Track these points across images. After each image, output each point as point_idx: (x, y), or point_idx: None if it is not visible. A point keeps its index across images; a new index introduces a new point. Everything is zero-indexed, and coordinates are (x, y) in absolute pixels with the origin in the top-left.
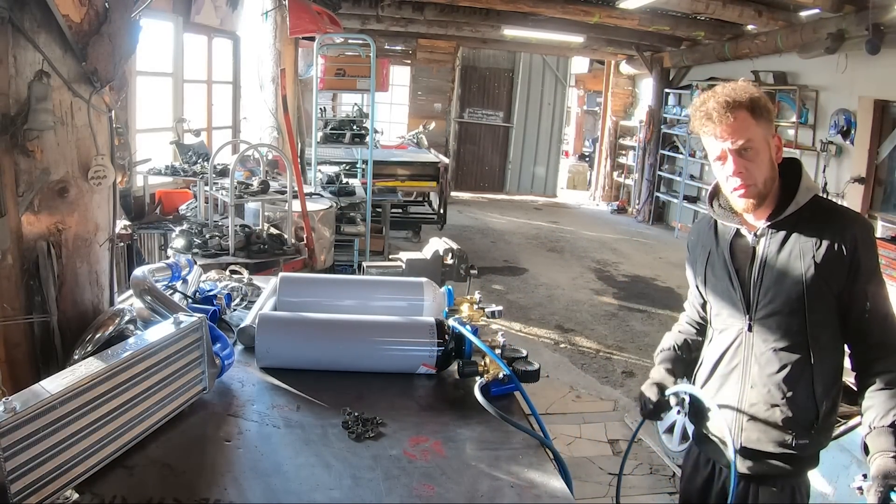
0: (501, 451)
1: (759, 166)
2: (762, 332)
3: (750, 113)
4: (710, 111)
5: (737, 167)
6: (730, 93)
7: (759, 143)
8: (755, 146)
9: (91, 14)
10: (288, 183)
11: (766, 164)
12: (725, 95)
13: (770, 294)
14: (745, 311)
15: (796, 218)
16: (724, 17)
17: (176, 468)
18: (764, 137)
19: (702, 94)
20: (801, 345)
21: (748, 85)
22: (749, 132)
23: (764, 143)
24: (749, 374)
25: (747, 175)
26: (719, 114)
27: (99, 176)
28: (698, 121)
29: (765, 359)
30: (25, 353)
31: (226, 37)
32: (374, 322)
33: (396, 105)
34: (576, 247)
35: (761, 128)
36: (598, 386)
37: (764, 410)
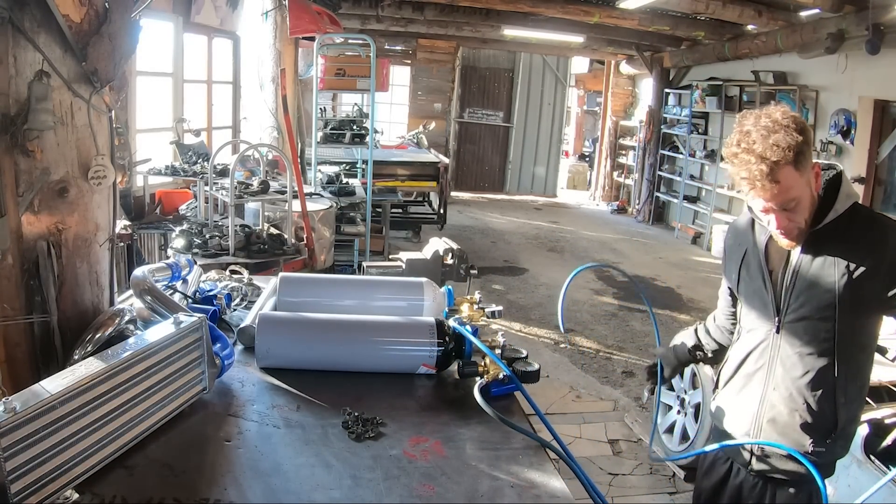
0: (501, 451)
1: (802, 212)
2: (790, 336)
3: (794, 167)
4: (754, 177)
5: (780, 223)
6: (771, 148)
7: (802, 191)
8: (799, 197)
9: (91, 14)
10: (288, 183)
11: (808, 206)
12: (769, 155)
13: (801, 299)
14: (775, 314)
15: (834, 225)
16: (724, 17)
17: (176, 468)
18: (806, 184)
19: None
20: (827, 352)
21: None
22: (794, 190)
23: (805, 189)
24: (773, 375)
25: (791, 225)
26: (763, 183)
27: (99, 176)
28: (737, 178)
29: (790, 362)
30: (25, 353)
31: (226, 37)
32: (374, 322)
33: (396, 105)
34: (576, 247)
35: (804, 176)
36: (598, 386)
37: (785, 413)
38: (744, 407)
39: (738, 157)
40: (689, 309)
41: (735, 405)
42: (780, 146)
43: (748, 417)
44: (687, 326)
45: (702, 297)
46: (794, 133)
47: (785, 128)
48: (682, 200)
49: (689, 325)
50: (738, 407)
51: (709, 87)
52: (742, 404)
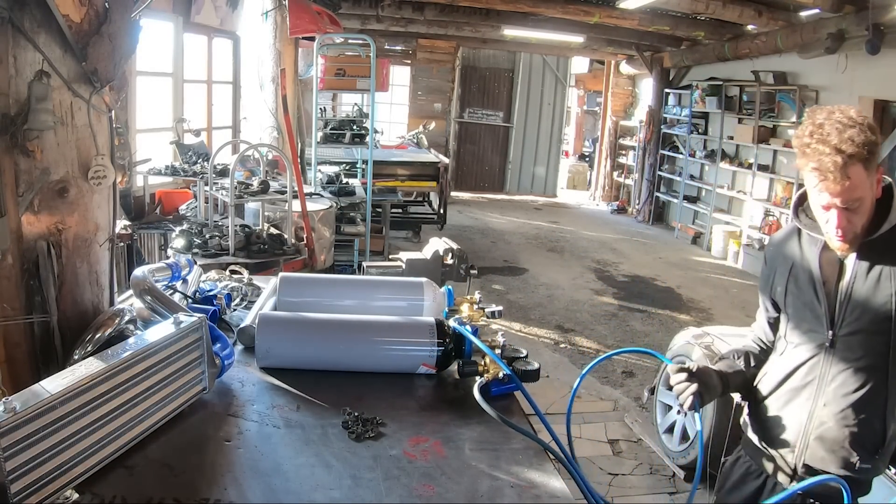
0: (501, 451)
1: (862, 215)
2: (844, 350)
3: (864, 165)
4: (826, 168)
5: (840, 222)
6: (846, 141)
7: (866, 192)
8: (863, 198)
9: (91, 14)
10: (288, 183)
11: (868, 209)
12: (844, 147)
13: (857, 311)
14: (829, 327)
15: (889, 235)
16: (724, 17)
17: (176, 468)
18: (871, 185)
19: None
20: (881, 367)
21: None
22: (860, 190)
23: (870, 190)
24: (823, 391)
25: (849, 227)
26: (835, 175)
27: (99, 176)
28: (807, 168)
29: (843, 377)
30: (25, 353)
31: (226, 37)
32: (374, 322)
33: (396, 105)
34: (576, 247)
35: (871, 177)
36: (598, 386)
37: (834, 429)
38: (789, 422)
39: (811, 148)
40: (688, 309)
41: (777, 422)
42: (854, 141)
43: (794, 433)
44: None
45: (702, 297)
46: (868, 132)
47: (860, 125)
48: (682, 200)
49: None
50: (781, 424)
51: (709, 87)
52: (787, 420)
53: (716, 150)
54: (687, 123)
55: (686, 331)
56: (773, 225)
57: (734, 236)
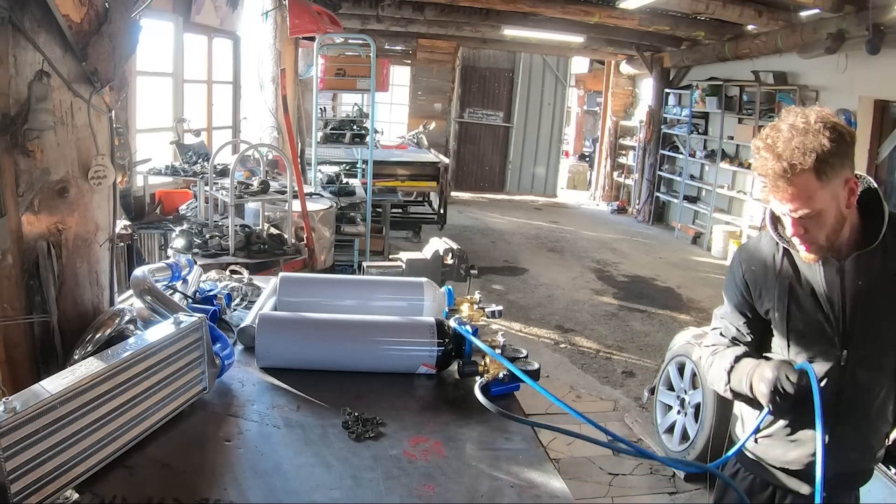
0: (501, 451)
1: (821, 226)
2: (857, 365)
3: (815, 175)
4: (767, 174)
5: (795, 230)
6: (794, 152)
7: (824, 204)
8: (818, 210)
9: (91, 14)
10: (288, 183)
11: (830, 222)
12: (789, 157)
13: (867, 324)
14: (842, 347)
15: (883, 243)
16: (724, 17)
17: (176, 468)
18: (831, 197)
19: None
20: (891, 373)
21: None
22: (812, 202)
23: (830, 201)
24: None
25: (807, 236)
26: (774, 183)
27: (99, 176)
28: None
29: (856, 394)
30: (25, 353)
31: (226, 37)
32: (374, 322)
33: (396, 105)
34: (576, 247)
35: (829, 187)
36: (598, 386)
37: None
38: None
39: (760, 153)
40: (688, 309)
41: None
42: (800, 149)
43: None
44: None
45: (701, 297)
46: (823, 139)
47: (815, 132)
48: (682, 200)
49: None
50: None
51: (709, 87)
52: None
53: (716, 150)
54: (687, 123)
55: (686, 331)
56: None
57: (734, 236)
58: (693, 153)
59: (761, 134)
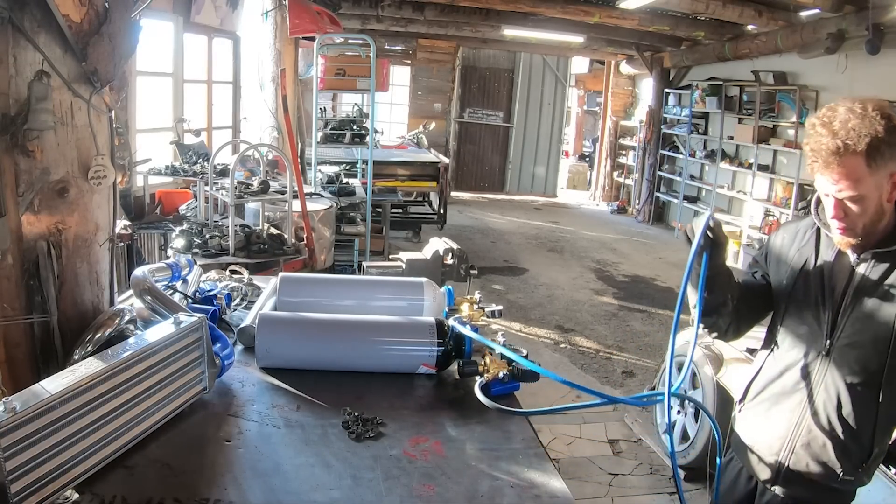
0: (501, 451)
1: (861, 214)
2: (839, 361)
3: (865, 159)
4: (819, 150)
5: (836, 213)
6: (850, 132)
7: (869, 191)
8: (862, 195)
9: (91, 14)
10: (288, 183)
11: (870, 210)
12: (844, 136)
13: (858, 324)
14: (828, 335)
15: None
16: (724, 17)
17: (176, 468)
18: (876, 185)
19: (823, 113)
20: (875, 383)
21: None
22: (858, 185)
23: (874, 191)
24: (814, 400)
25: (846, 219)
26: (826, 160)
27: (99, 176)
28: (808, 149)
29: (834, 389)
30: (25, 353)
31: (226, 37)
32: (374, 322)
33: (396, 105)
34: (576, 247)
35: (877, 174)
36: (599, 386)
37: (820, 439)
38: (775, 426)
39: (815, 129)
40: (688, 309)
41: (764, 423)
42: (856, 130)
43: (779, 438)
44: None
45: None
46: (878, 126)
47: (871, 117)
48: (682, 200)
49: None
50: (768, 425)
51: (709, 87)
52: (773, 423)
53: (716, 150)
54: (687, 123)
55: (686, 331)
56: (773, 225)
57: (734, 236)
58: (693, 153)
59: (818, 112)
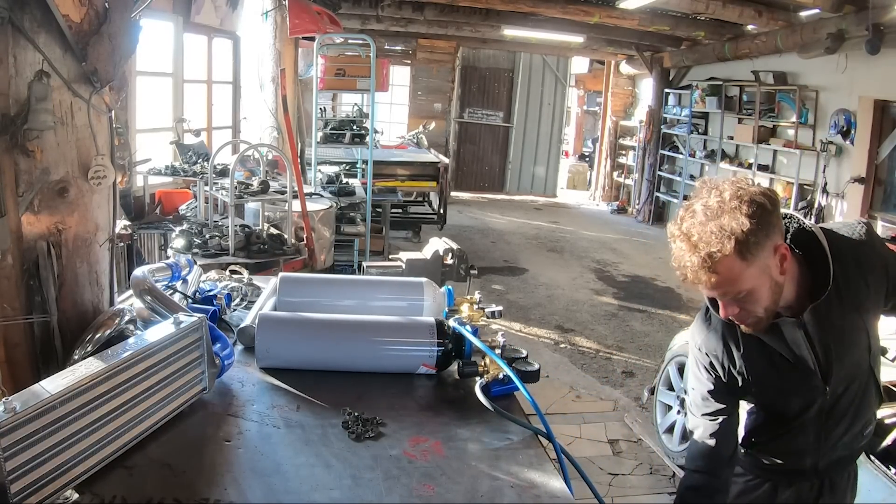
0: (501, 451)
1: (755, 302)
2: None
3: (738, 257)
4: (685, 266)
5: (727, 311)
6: (711, 239)
7: (754, 282)
8: (748, 289)
9: (91, 14)
10: (288, 183)
11: (765, 296)
12: (706, 247)
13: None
14: (823, 387)
15: (835, 285)
16: (724, 17)
17: (176, 468)
18: (760, 271)
19: (682, 217)
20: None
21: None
22: (739, 282)
23: (761, 278)
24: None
25: (742, 314)
26: (695, 275)
27: (99, 176)
28: (673, 264)
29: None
30: (25, 353)
31: (226, 37)
32: (374, 322)
33: (396, 105)
34: (576, 247)
35: (756, 264)
36: (598, 386)
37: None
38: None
39: (675, 243)
40: (688, 309)
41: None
42: (717, 234)
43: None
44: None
45: (701, 297)
46: (742, 217)
47: (731, 210)
48: (683, 200)
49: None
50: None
51: (709, 87)
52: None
53: (716, 150)
54: (687, 123)
55: (686, 330)
56: None
57: None
58: (693, 153)
59: (675, 218)
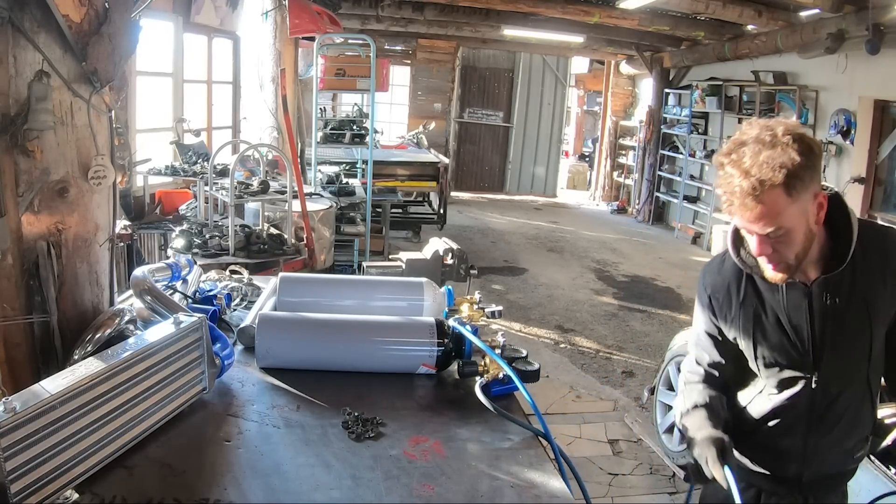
0: (501, 451)
1: (790, 245)
2: (828, 384)
3: (785, 191)
4: (734, 192)
5: (762, 249)
6: (763, 168)
7: (793, 221)
8: (787, 227)
9: (91, 14)
10: (288, 183)
11: (799, 239)
12: (757, 174)
13: (840, 347)
14: (811, 371)
15: (852, 263)
16: (724, 17)
17: (176, 468)
18: (801, 211)
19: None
20: (864, 387)
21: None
22: (782, 219)
23: (800, 220)
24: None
25: (775, 255)
26: (742, 202)
27: (99, 176)
28: (720, 191)
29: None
30: (25, 353)
31: (226, 37)
32: (374, 322)
33: (396, 105)
34: (576, 247)
35: (798, 203)
36: (598, 386)
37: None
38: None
39: (724, 169)
40: (688, 309)
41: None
42: (769, 164)
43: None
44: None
45: None
46: (792, 153)
47: (784, 145)
48: (682, 200)
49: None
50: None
51: (709, 87)
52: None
53: (716, 150)
54: (687, 123)
55: (686, 331)
56: None
57: None
58: (693, 153)
59: (723, 149)
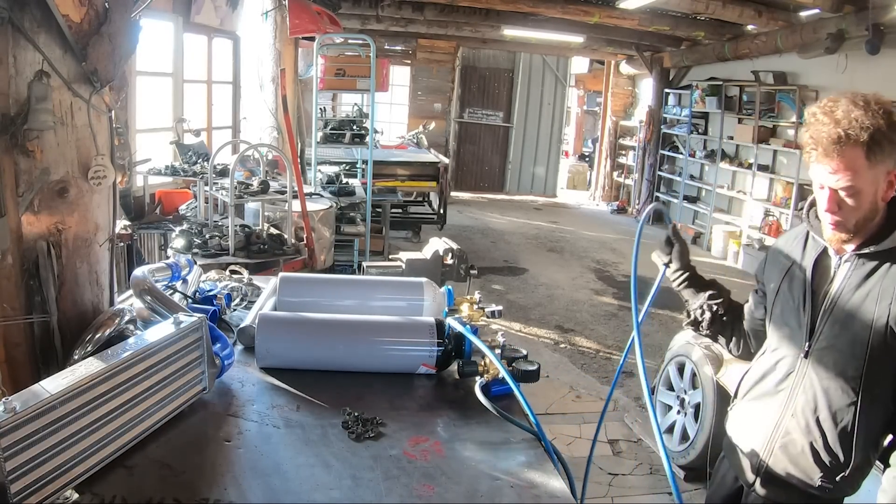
0: (501, 451)
1: (855, 208)
2: (817, 364)
3: (865, 152)
4: (820, 138)
5: (830, 205)
6: (852, 122)
7: (865, 184)
8: (858, 188)
9: (91, 14)
10: (288, 183)
11: (864, 206)
12: (846, 126)
13: (836, 327)
14: (807, 338)
15: (887, 255)
16: (724, 17)
17: (176, 468)
18: (873, 179)
19: (826, 103)
20: (853, 390)
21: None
22: (856, 177)
23: (871, 185)
24: (793, 402)
25: (839, 213)
26: (826, 148)
27: (99, 176)
28: (808, 136)
29: (813, 392)
30: (25, 353)
31: (226, 37)
32: (373, 322)
33: (396, 105)
34: (576, 247)
35: (875, 168)
36: (598, 386)
37: (799, 443)
38: (758, 426)
39: (815, 118)
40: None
41: (749, 423)
42: (859, 121)
43: (761, 438)
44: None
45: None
46: (880, 118)
47: (874, 111)
48: (682, 200)
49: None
50: (752, 426)
51: (709, 87)
52: (756, 423)
53: (716, 150)
54: (687, 123)
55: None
56: (773, 225)
57: (734, 236)
58: (693, 153)
59: (819, 102)
